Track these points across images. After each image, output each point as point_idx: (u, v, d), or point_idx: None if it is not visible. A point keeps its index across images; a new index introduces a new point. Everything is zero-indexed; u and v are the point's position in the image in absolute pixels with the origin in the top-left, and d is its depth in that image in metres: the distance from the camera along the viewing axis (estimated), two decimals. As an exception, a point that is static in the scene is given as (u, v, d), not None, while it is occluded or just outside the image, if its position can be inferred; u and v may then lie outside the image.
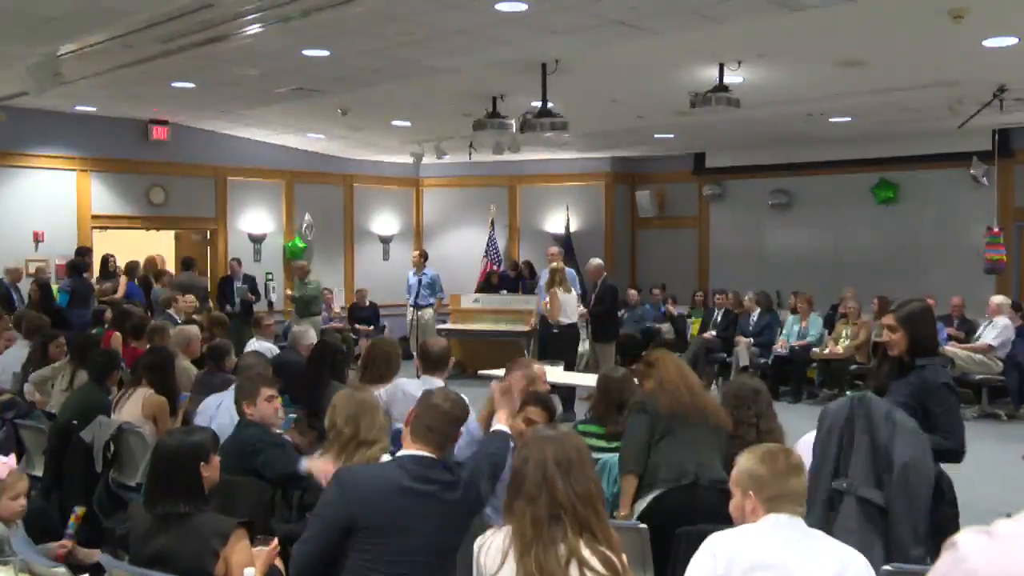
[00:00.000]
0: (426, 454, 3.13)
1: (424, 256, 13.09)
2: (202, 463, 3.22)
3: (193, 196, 13.32)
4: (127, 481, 5.26)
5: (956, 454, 3.76)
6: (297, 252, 14.31)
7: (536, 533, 2.50)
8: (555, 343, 9.82)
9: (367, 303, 14.25)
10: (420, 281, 12.60)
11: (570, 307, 9.95)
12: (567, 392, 9.33)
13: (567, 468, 2.57)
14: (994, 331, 9.91)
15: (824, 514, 3.35)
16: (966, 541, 1.21)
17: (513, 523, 2.57)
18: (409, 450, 3.16)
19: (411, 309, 12.58)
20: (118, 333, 8.24)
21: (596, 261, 10.84)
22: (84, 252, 11.41)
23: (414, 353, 12.08)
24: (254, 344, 8.46)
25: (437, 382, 5.13)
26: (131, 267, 11.99)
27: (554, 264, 10.11)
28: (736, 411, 4.28)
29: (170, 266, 13.19)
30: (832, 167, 13.38)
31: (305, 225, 14.34)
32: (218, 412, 5.02)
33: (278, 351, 7.70)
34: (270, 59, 8.36)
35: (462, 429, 4.97)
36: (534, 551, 2.49)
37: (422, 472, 3.09)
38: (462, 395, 3.39)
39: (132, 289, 11.59)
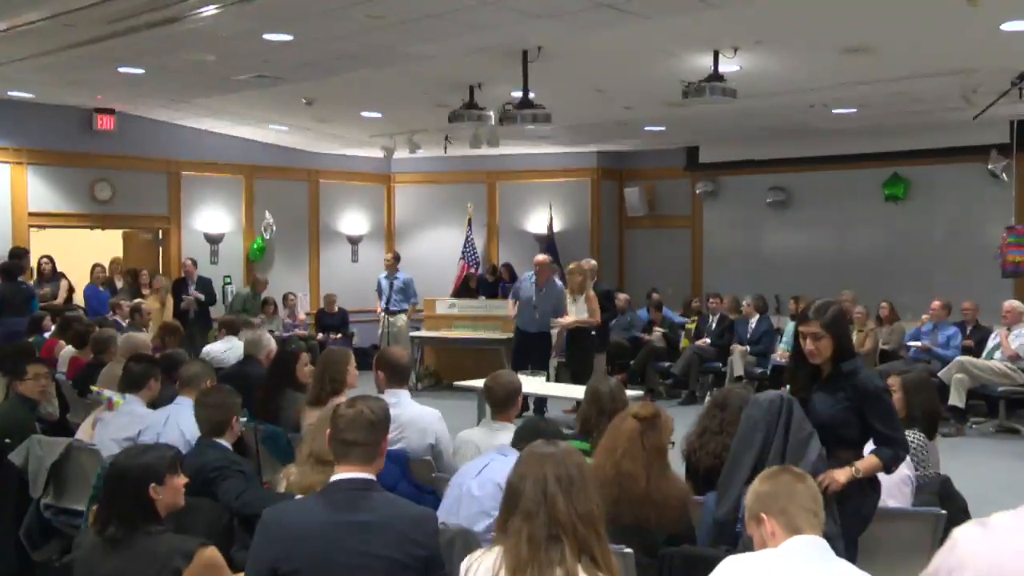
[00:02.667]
0: (356, 475, 3.00)
1: (397, 258, 13.05)
2: (153, 485, 3.17)
3: (143, 192, 13.19)
4: (70, 505, 5.16)
5: (904, 450, 4.00)
6: (256, 254, 14.19)
7: (532, 554, 2.49)
8: (577, 347, 10.07)
9: (335, 309, 14.16)
10: (392, 285, 12.54)
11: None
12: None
13: (568, 486, 2.56)
14: (1018, 340, 9.91)
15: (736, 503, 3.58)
16: (961, 531, 1.38)
17: (507, 542, 2.55)
18: (336, 475, 3.04)
19: (383, 315, 12.53)
20: (62, 341, 8.13)
21: (591, 262, 10.82)
22: (20, 254, 11.22)
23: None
24: (219, 344, 8.41)
25: (404, 395, 5.05)
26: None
27: (573, 265, 10.43)
28: (705, 418, 4.43)
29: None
30: (836, 162, 13.40)
31: (264, 224, 14.22)
32: (165, 428, 4.92)
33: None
34: (228, 43, 8.28)
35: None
36: (528, 573, 2.47)
37: (353, 498, 2.96)
38: (376, 396, 3.26)
39: (97, 295, 11.49)
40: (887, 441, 3.93)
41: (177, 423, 4.87)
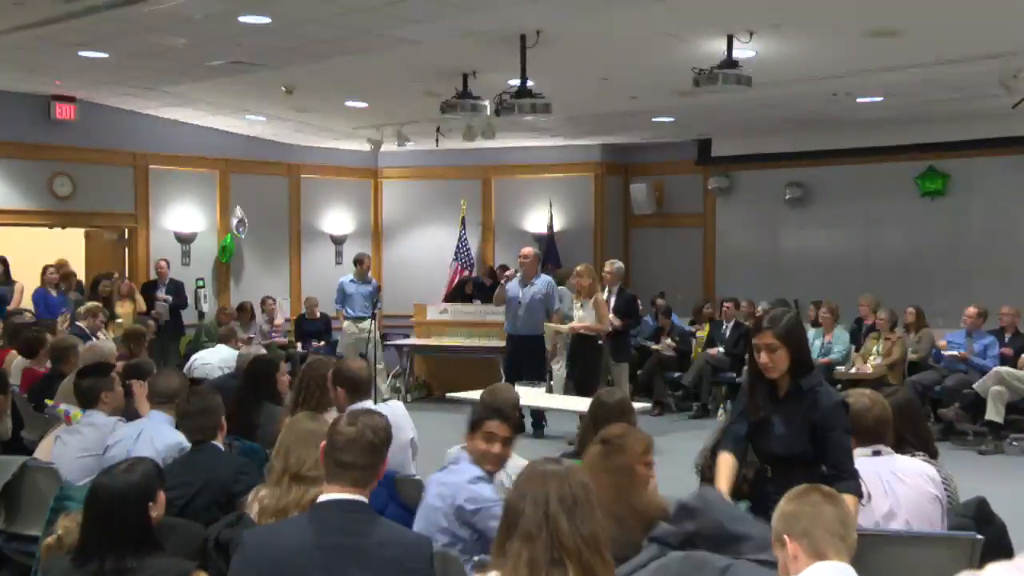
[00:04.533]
0: (346, 496, 3.00)
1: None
2: (150, 503, 3.24)
3: (107, 188, 13.14)
4: (24, 531, 5.11)
5: (857, 479, 3.90)
6: (225, 254, 14.12)
7: None
8: (582, 356, 10.05)
9: (317, 314, 14.11)
10: (359, 290, 12.78)
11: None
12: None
13: (572, 506, 2.58)
14: None
15: None
16: (991, 570, 1.41)
17: (505, 566, 2.55)
18: (326, 495, 3.04)
19: (349, 323, 12.81)
20: (13, 351, 8.06)
21: (615, 264, 10.81)
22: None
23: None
24: (213, 352, 8.36)
25: (368, 406, 5.04)
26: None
27: (581, 267, 10.34)
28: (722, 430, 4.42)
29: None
30: (861, 155, 13.37)
31: (236, 220, 14.16)
32: (137, 444, 4.89)
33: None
34: (200, 26, 8.26)
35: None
36: None
37: (342, 521, 2.95)
38: (378, 412, 3.27)
39: (46, 299, 11.43)
40: (841, 473, 3.87)
41: (151, 439, 4.83)
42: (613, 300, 10.51)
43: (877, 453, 4.24)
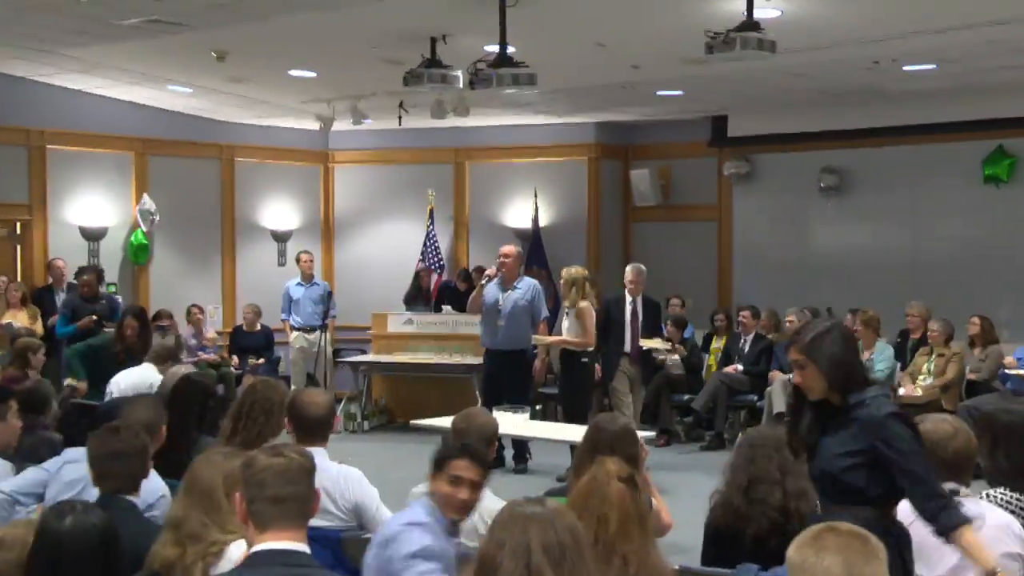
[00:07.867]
0: (286, 546, 3.00)
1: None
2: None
3: (-6, 172, 13.07)
4: None
5: (942, 497, 3.87)
6: (137, 253, 14.04)
7: None
8: (567, 375, 10.24)
9: (257, 326, 14.03)
10: (307, 294, 12.87)
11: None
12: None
13: (559, 557, 2.59)
14: None
15: None
16: None
17: None
18: (259, 545, 3.02)
19: (300, 334, 13.00)
20: None
21: (638, 269, 10.85)
22: None
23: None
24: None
25: (321, 455, 4.97)
26: None
27: (574, 270, 10.42)
28: (752, 465, 4.48)
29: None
30: (909, 135, 13.43)
31: (142, 211, 14.03)
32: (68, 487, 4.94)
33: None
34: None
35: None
36: None
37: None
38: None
39: None
40: (926, 503, 3.90)
41: (84, 479, 4.78)
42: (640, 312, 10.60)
43: (955, 493, 4.20)
